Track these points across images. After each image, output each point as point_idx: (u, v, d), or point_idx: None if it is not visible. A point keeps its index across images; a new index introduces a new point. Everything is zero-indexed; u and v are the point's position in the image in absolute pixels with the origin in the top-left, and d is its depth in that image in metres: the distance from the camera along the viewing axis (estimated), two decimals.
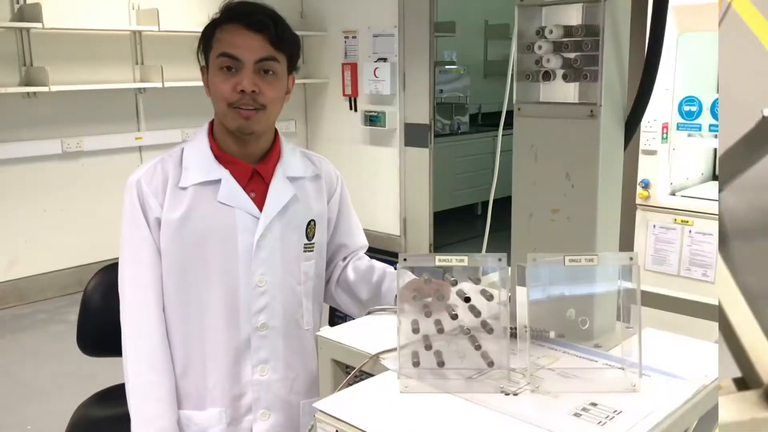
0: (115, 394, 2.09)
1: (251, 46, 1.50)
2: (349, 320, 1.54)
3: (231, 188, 1.55)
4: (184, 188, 1.53)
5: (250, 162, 1.59)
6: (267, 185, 1.59)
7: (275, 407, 1.59)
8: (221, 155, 1.57)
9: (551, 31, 1.32)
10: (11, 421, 3.25)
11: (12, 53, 4.61)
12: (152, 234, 1.55)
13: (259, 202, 1.57)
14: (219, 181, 1.54)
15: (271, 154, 1.61)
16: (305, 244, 1.63)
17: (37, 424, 3.20)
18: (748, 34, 1.49)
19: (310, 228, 1.64)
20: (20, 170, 4.73)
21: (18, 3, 4.58)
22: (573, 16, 1.33)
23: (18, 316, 4.62)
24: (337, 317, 2.20)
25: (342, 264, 1.78)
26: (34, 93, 4.66)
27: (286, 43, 1.54)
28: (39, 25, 4.46)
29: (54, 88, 4.54)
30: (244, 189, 1.56)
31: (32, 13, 4.50)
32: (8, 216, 4.72)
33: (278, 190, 1.59)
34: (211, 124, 1.62)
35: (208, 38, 1.55)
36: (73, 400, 2.08)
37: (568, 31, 1.32)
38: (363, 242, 1.83)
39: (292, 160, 1.64)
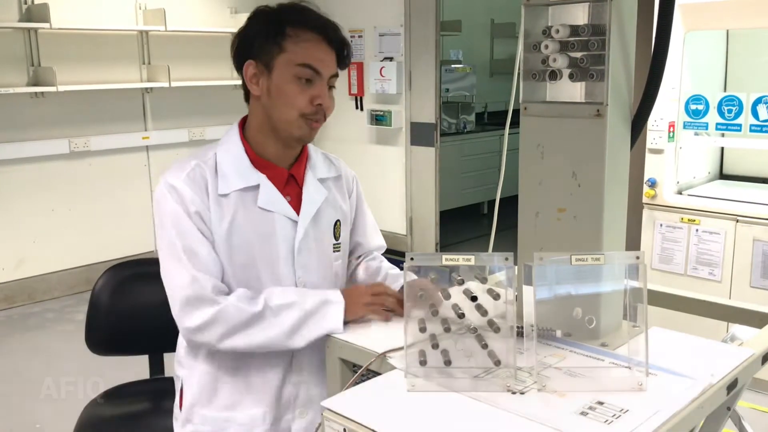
0: (123, 393, 2.10)
1: (329, 62, 1.52)
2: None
3: (270, 194, 1.54)
4: (225, 195, 1.51)
5: (285, 165, 1.59)
6: (299, 188, 1.60)
7: (312, 405, 1.60)
8: (257, 159, 1.56)
9: (558, 31, 1.33)
10: (20, 419, 3.27)
11: (20, 53, 4.63)
12: (204, 233, 1.49)
13: (295, 205, 1.58)
14: (257, 186, 1.54)
15: (301, 157, 1.62)
16: (334, 244, 1.65)
17: (46, 422, 3.22)
18: None
19: (337, 228, 1.66)
20: (28, 170, 4.75)
21: (26, 3, 4.59)
22: (579, 15, 1.33)
23: (26, 315, 4.64)
24: None
25: (355, 262, 1.80)
26: (42, 93, 4.68)
27: (347, 63, 1.57)
28: (47, 25, 4.47)
29: (61, 88, 4.55)
30: (281, 193, 1.56)
31: (40, 14, 4.51)
32: (16, 215, 4.74)
33: (312, 194, 1.60)
34: (241, 125, 1.60)
35: (275, 35, 1.49)
36: (81, 399, 2.09)
37: (575, 30, 1.32)
38: (379, 243, 1.83)
39: (318, 162, 1.66)
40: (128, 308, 2.07)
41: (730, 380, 1.21)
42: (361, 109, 5.91)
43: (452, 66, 7.23)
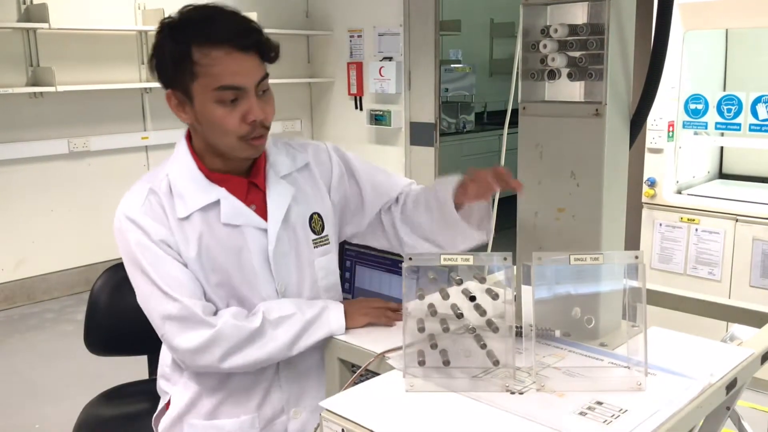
0: (122, 393, 2.10)
1: (249, 70, 1.38)
2: None
3: (233, 207, 1.46)
4: (186, 218, 1.43)
5: (242, 174, 1.50)
6: (263, 192, 1.51)
7: (306, 405, 1.57)
8: (212, 174, 1.47)
9: (556, 30, 1.33)
10: (19, 420, 3.27)
11: (19, 54, 4.63)
12: (175, 258, 1.43)
13: (261, 212, 1.49)
14: (218, 201, 1.45)
15: (258, 159, 1.52)
16: (314, 240, 1.56)
17: (45, 423, 3.22)
18: None
19: (314, 222, 1.56)
20: (27, 170, 4.75)
21: (24, 3, 4.59)
22: (578, 14, 1.33)
23: (25, 316, 4.64)
24: None
25: (396, 207, 1.64)
26: (41, 93, 4.68)
27: (273, 54, 1.43)
28: (45, 25, 4.47)
29: (60, 88, 4.55)
30: (244, 203, 1.48)
31: (39, 14, 4.51)
32: (15, 216, 4.74)
33: (277, 196, 1.50)
34: (188, 140, 1.51)
35: (182, 61, 1.36)
36: (80, 399, 2.08)
37: (573, 29, 1.32)
38: (402, 183, 1.68)
39: (278, 158, 1.55)
40: (127, 308, 2.05)
41: (730, 380, 1.21)
42: (361, 108, 5.91)
43: (452, 66, 7.23)
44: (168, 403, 1.58)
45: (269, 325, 1.44)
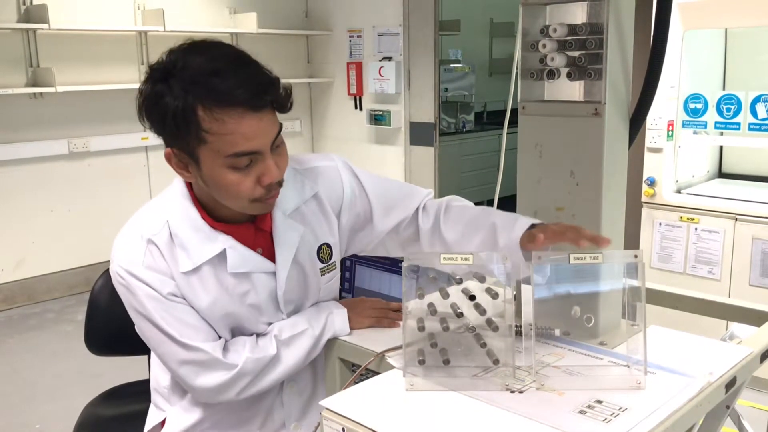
0: (123, 393, 2.10)
1: (265, 131, 1.25)
2: None
3: (240, 256, 1.37)
4: (192, 270, 1.35)
5: (248, 219, 1.40)
6: (269, 232, 1.42)
7: (305, 417, 1.56)
8: (216, 224, 1.37)
9: (555, 30, 1.33)
10: (20, 420, 3.27)
11: (18, 54, 4.63)
12: (183, 303, 1.37)
13: (268, 254, 1.41)
14: (224, 251, 1.36)
15: None
16: (321, 268, 1.50)
17: (46, 423, 3.22)
18: None
19: (323, 252, 1.49)
20: (27, 170, 4.75)
21: (24, 4, 4.59)
22: (577, 14, 1.33)
23: (26, 316, 4.64)
24: None
25: (418, 220, 1.52)
26: (41, 93, 4.68)
27: (287, 105, 1.29)
28: (45, 26, 4.47)
29: (60, 89, 4.55)
30: (251, 248, 1.40)
31: (38, 14, 4.51)
32: (16, 216, 4.74)
33: (285, 238, 1.41)
34: (189, 186, 1.39)
35: (187, 123, 1.20)
36: (80, 399, 2.09)
37: (573, 29, 1.32)
38: (419, 195, 1.54)
39: (285, 193, 1.40)
40: None
41: (729, 378, 1.21)
42: (360, 108, 5.91)
43: (451, 65, 7.23)
44: (163, 423, 1.55)
45: (283, 346, 1.43)
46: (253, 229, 1.41)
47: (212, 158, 1.24)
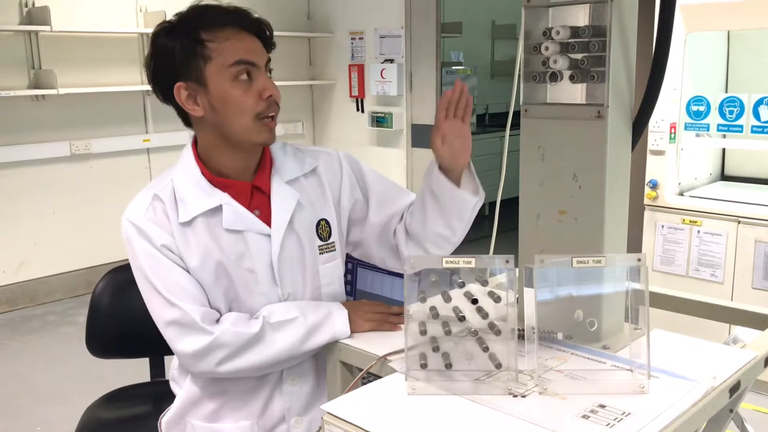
0: (124, 396, 2.10)
1: (258, 49, 1.43)
2: None
3: (235, 212, 1.45)
4: (188, 223, 1.44)
5: (246, 178, 1.49)
6: (268, 197, 1.49)
7: (308, 413, 1.56)
8: (216, 179, 1.47)
9: (558, 32, 1.32)
10: (21, 422, 3.27)
11: (20, 56, 4.64)
12: (178, 263, 1.44)
13: (265, 217, 1.48)
14: (220, 206, 1.44)
15: (264, 162, 1.51)
16: (320, 246, 1.54)
17: (47, 425, 3.22)
18: None
19: (322, 228, 1.55)
20: (29, 172, 4.76)
21: (26, 6, 4.60)
22: (580, 16, 1.33)
23: (27, 318, 4.65)
24: None
25: (402, 226, 1.62)
26: (43, 96, 4.68)
27: (271, 42, 1.48)
28: (47, 28, 4.47)
29: (62, 91, 4.56)
30: (248, 208, 1.47)
31: (41, 17, 4.52)
32: (17, 218, 4.74)
33: (282, 201, 1.49)
34: (194, 146, 1.51)
35: (193, 47, 1.39)
36: (82, 402, 2.08)
37: (575, 31, 1.32)
38: (409, 199, 1.64)
39: (285, 162, 1.54)
40: (129, 311, 2.06)
41: (733, 383, 1.21)
42: (362, 110, 5.91)
43: (453, 68, 7.23)
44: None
45: (270, 328, 1.43)
46: (250, 187, 1.49)
47: (218, 72, 1.39)
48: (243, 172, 1.49)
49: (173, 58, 1.40)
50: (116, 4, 5.00)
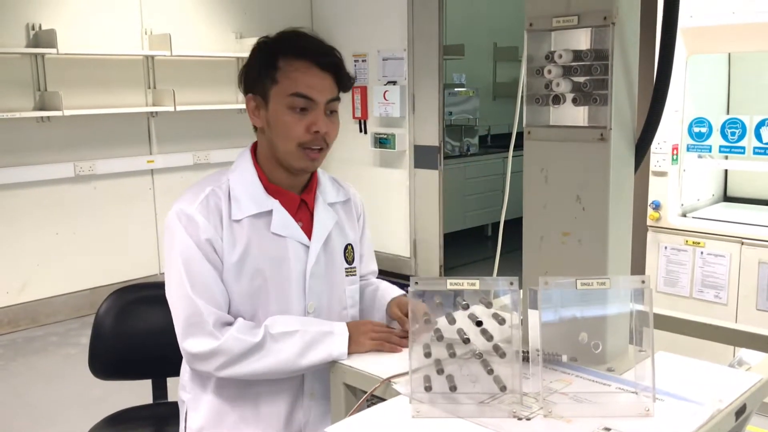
0: (126, 418, 2.09)
1: (323, 87, 1.52)
2: None
3: (283, 219, 1.56)
4: (238, 221, 1.53)
5: (296, 191, 1.61)
6: (310, 213, 1.61)
7: (325, 426, 1.57)
8: (269, 185, 1.58)
9: (561, 56, 1.33)
10: None
11: (27, 79, 4.67)
12: (213, 262, 1.50)
13: (306, 231, 1.59)
14: (270, 211, 1.55)
15: (311, 182, 1.64)
16: (346, 269, 1.66)
17: None
18: None
19: (348, 252, 1.68)
20: (33, 193, 4.77)
21: (33, 30, 4.65)
22: (582, 40, 1.34)
23: (30, 339, 4.63)
24: None
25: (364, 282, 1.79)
26: (48, 117, 4.71)
27: (347, 84, 1.59)
28: (54, 50, 4.51)
29: (67, 113, 4.59)
30: (293, 218, 1.58)
31: (47, 39, 4.56)
32: (21, 239, 4.75)
33: (323, 218, 1.62)
34: (253, 151, 1.62)
35: (267, 68, 1.52)
36: (84, 424, 2.07)
37: (578, 55, 1.33)
38: (373, 267, 1.83)
39: (327, 187, 1.68)
40: (132, 332, 2.06)
41: (739, 405, 1.20)
42: (365, 132, 5.93)
43: (455, 89, 7.26)
44: (186, 415, 1.61)
45: (270, 339, 1.48)
46: (298, 200, 1.61)
47: (278, 97, 1.51)
48: (293, 186, 1.61)
49: (253, 71, 1.55)
50: (122, 27, 5.05)
